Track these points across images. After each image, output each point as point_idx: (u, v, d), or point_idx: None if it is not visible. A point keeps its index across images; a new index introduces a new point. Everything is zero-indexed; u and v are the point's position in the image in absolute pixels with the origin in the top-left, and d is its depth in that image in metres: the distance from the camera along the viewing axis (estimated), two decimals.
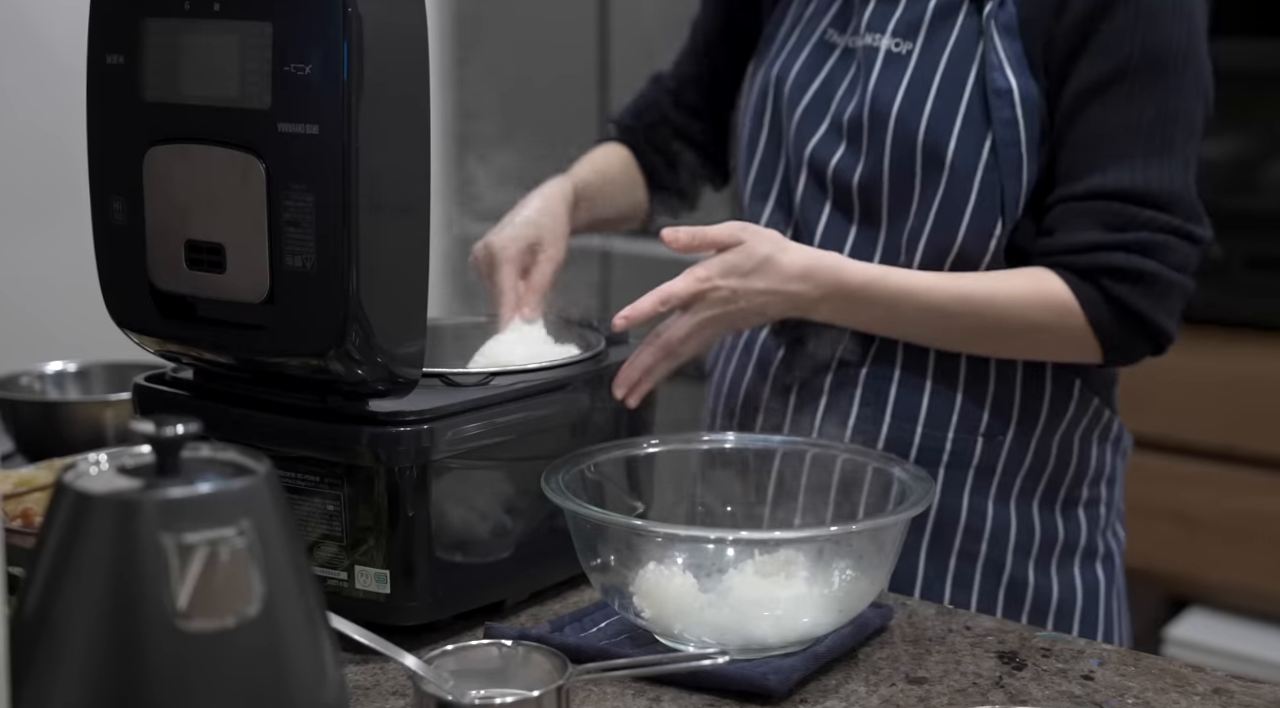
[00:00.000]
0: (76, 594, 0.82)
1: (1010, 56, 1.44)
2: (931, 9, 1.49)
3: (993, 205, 1.45)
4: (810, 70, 1.57)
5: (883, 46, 1.50)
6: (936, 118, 1.45)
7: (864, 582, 1.24)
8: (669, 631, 1.22)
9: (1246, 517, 2.93)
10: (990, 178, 1.44)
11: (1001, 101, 1.43)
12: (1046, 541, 1.54)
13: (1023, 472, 1.52)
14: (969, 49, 1.46)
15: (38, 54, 2.76)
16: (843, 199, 1.53)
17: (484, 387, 1.31)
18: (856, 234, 1.52)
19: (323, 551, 1.26)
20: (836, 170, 1.52)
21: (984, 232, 1.45)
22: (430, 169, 1.23)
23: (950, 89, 1.46)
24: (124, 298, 1.28)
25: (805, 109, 1.56)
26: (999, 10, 1.44)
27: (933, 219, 1.47)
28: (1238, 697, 1.19)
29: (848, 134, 1.52)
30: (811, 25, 1.59)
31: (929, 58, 1.48)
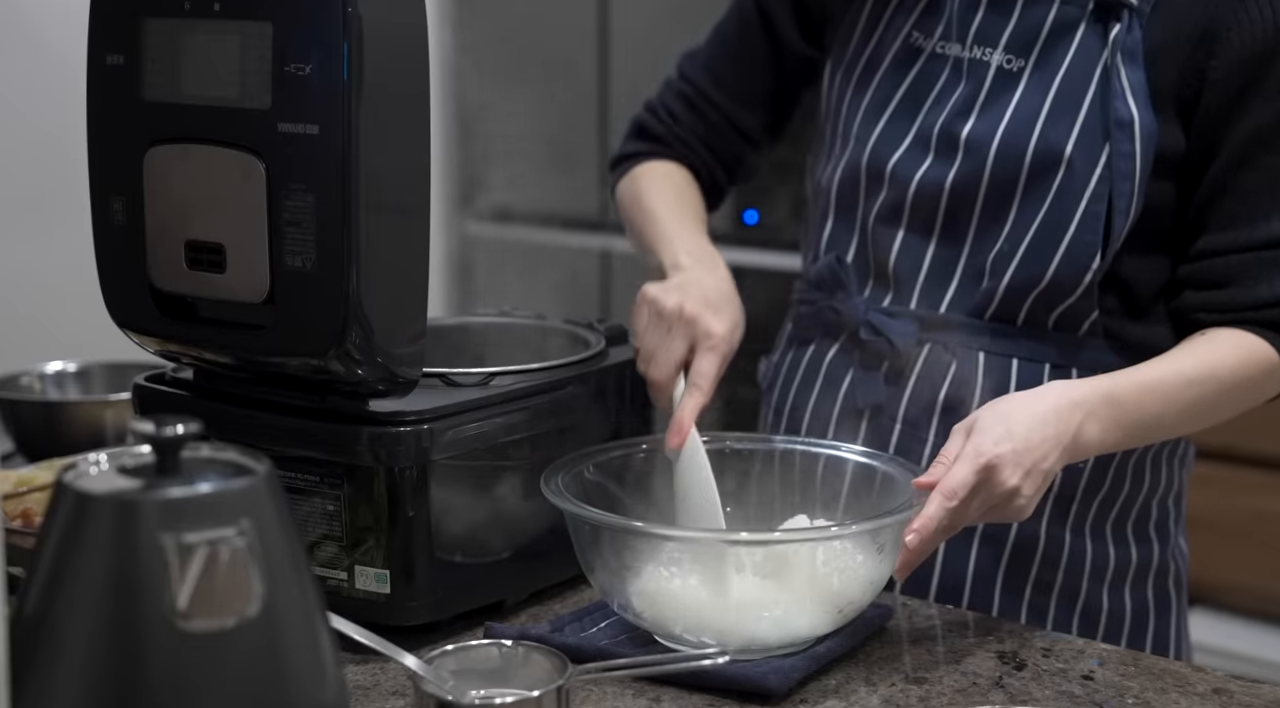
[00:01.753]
0: (76, 594, 0.82)
1: (1134, 85, 1.36)
2: (1049, 24, 1.40)
3: (1094, 237, 1.37)
4: (895, 76, 1.48)
5: (994, 62, 1.42)
6: (1047, 137, 1.38)
7: (864, 582, 1.23)
8: (669, 631, 1.22)
9: (1246, 517, 2.93)
10: (1095, 207, 1.37)
11: (1122, 132, 1.36)
12: (1120, 565, 1.49)
13: (1099, 499, 1.47)
14: (1087, 70, 1.39)
15: (38, 54, 2.76)
16: (923, 214, 1.45)
17: (484, 387, 1.31)
18: (934, 257, 1.45)
19: (323, 551, 1.26)
20: (921, 183, 1.44)
21: (1081, 264, 1.38)
22: (430, 169, 1.23)
23: (1064, 109, 1.39)
24: (124, 298, 1.28)
25: (890, 118, 1.48)
26: (1125, 35, 1.37)
27: (1028, 242, 1.39)
28: (1238, 697, 1.19)
29: (937, 146, 1.44)
30: (894, 25, 1.50)
31: (1043, 76, 1.40)
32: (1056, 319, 1.42)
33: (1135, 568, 1.50)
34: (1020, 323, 1.42)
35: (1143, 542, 1.51)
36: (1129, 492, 1.49)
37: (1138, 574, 1.51)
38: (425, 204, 1.21)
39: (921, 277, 1.45)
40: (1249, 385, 1.39)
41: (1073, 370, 1.42)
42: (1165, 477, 1.52)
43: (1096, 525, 1.48)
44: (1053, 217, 1.38)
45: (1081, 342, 1.42)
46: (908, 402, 1.46)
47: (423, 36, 1.18)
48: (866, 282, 1.49)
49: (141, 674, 0.81)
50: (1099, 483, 1.46)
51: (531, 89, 3.66)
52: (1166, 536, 1.53)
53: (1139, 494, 1.50)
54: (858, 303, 1.48)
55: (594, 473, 1.33)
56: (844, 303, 1.49)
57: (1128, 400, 1.32)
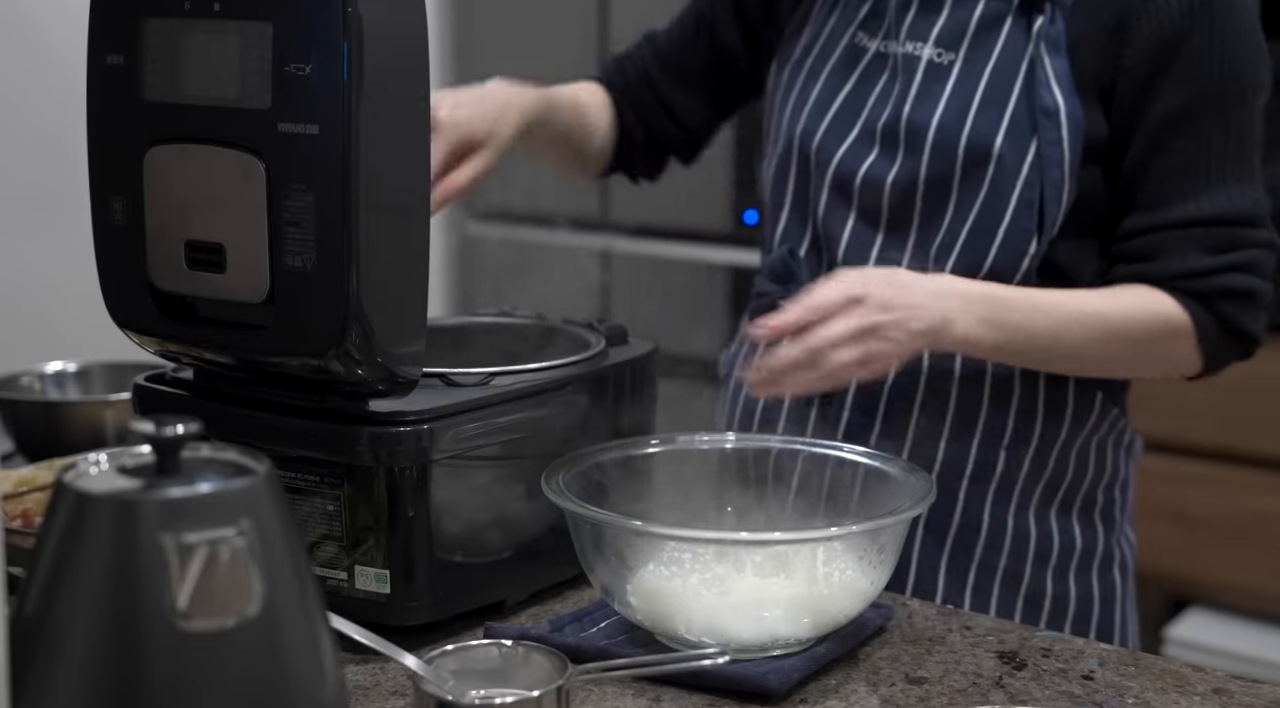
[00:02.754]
0: (76, 594, 0.82)
1: (1059, 74, 1.42)
2: (976, 19, 1.47)
3: (1029, 223, 1.43)
4: (839, 76, 1.54)
5: (924, 56, 1.48)
6: (978, 130, 1.44)
7: (864, 582, 1.24)
8: (669, 631, 1.22)
9: (1246, 517, 2.93)
10: (1029, 196, 1.43)
11: (1049, 121, 1.42)
12: (1065, 549, 1.53)
13: (1043, 482, 1.52)
14: (1014, 62, 1.44)
15: (38, 54, 2.76)
16: (870, 208, 1.50)
17: (484, 387, 1.31)
18: (882, 244, 1.50)
19: (323, 551, 1.26)
20: (866, 178, 1.50)
21: (1018, 250, 1.44)
22: (430, 169, 1.23)
23: (993, 102, 1.44)
24: (124, 298, 1.28)
25: (835, 115, 1.53)
26: (1049, 26, 1.42)
27: (966, 232, 1.45)
28: (1238, 697, 1.19)
29: (881, 141, 1.50)
30: (840, 27, 1.56)
31: (972, 69, 1.46)
32: None
33: (1080, 554, 1.54)
34: None
35: (1087, 528, 1.55)
36: (1073, 477, 1.53)
37: (1082, 560, 1.55)
38: (425, 204, 1.21)
39: (870, 265, 1.49)
40: (1152, 339, 1.44)
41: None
42: (1110, 464, 1.56)
43: (1040, 510, 1.52)
44: (989, 206, 1.44)
45: None
46: (856, 390, 1.51)
47: (423, 36, 1.18)
48: (818, 273, 1.53)
49: (141, 674, 0.81)
50: (1041, 467, 1.51)
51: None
52: (1112, 523, 1.58)
53: (1083, 480, 1.54)
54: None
55: (594, 472, 1.33)
56: (796, 294, 1.51)
57: (1014, 309, 1.38)
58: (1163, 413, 2.89)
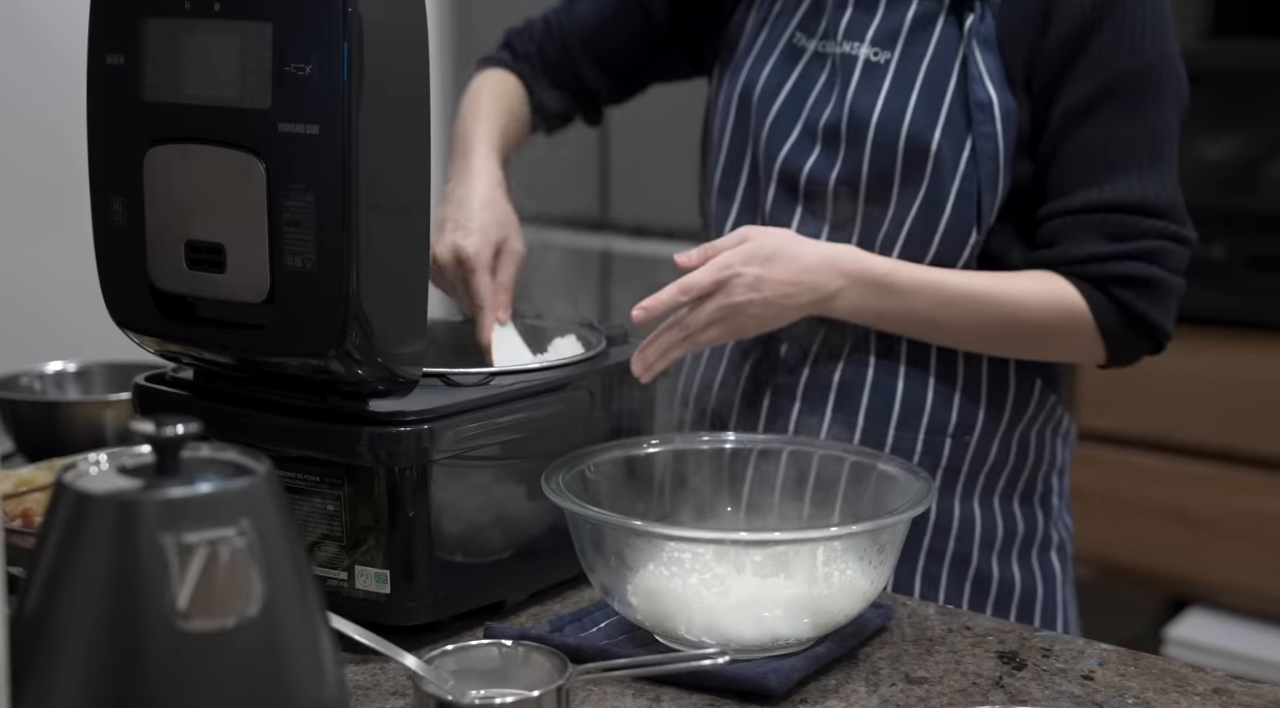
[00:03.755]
0: (76, 594, 0.82)
1: (990, 70, 1.46)
2: (910, 19, 1.50)
3: (968, 213, 1.47)
4: (779, 75, 1.57)
5: (861, 55, 1.51)
6: (917, 125, 1.47)
7: (864, 582, 1.24)
8: (669, 631, 1.22)
9: (1246, 517, 2.93)
10: (967, 187, 1.47)
11: (983, 114, 1.46)
12: (1008, 534, 1.58)
13: (986, 469, 1.56)
14: (947, 60, 1.48)
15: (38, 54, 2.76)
16: (815, 204, 1.54)
17: (484, 387, 1.31)
18: (828, 238, 1.52)
19: (323, 551, 1.26)
20: (810, 175, 1.53)
21: (959, 240, 1.48)
22: (430, 169, 1.23)
23: (929, 99, 1.48)
24: (124, 298, 1.28)
25: (776, 114, 1.56)
26: (979, 24, 1.47)
27: (909, 224, 1.49)
28: (1238, 697, 1.19)
29: (823, 139, 1.53)
30: (778, 28, 1.59)
31: (907, 67, 1.49)
32: None
33: (1021, 538, 1.59)
34: None
35: (1028, 513, 1.59)
36: (1014, 464, 1.58)
37: (1024, 545, 1.59)
38: (425, 204, 1.21)
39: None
40: (1046, 322, 1.47)
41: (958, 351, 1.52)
42: (1050, 452, 1.61)
43: (985, 496, 1.57)
44: (930, 199, 1.48)
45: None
46: (805, 383, 1.55)
47: (423, 36, 1.18)
48: None
49: (141, 674, 0.81)
50: (984, 455, 1.56)
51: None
52: (1050, 508, 1.62)
53: (1023, 468, 1.58)
54: None
55: (594, 472, 1.33)
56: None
57: (896, 289, 1.44)
58: (1163, 413, 2.90)
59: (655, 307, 1.39)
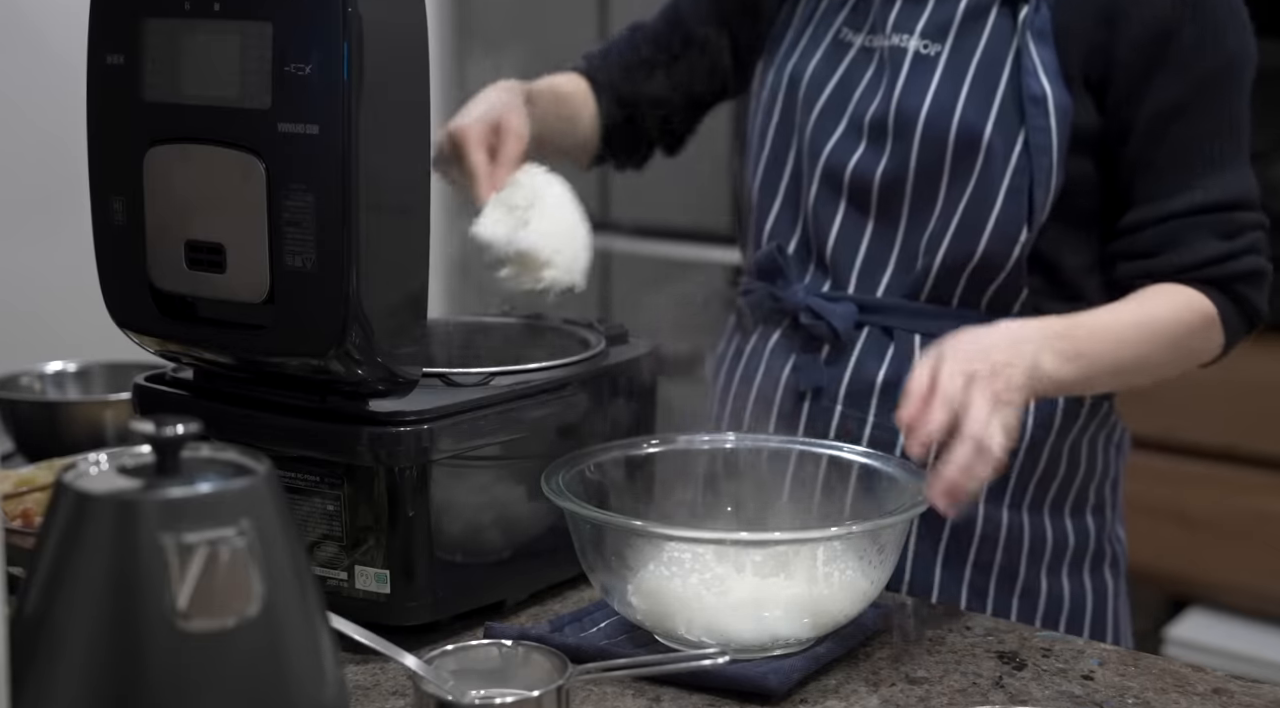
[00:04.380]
0: (76, 594, 0.82)
1: (1045, 63, 1.42)
2: (962, 10, 1.47)
3: (1019, 211, 1.43)
4: (826, 69, 1.54)
5: (910, 48, 1.48)
6: (967, 118, 1.44)
7: (864, 582, 1.23)
8: (669, 631, 1.22)
9: (1246, 517, 2.93)
10: (1018, 183, 1.43)
11: (1037, 109, 1.42)
12: (1058, 547, 1.53)
13: (1035, 479, 1.51)
14: (1000, 52, 1.45)
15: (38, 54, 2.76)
16: (860, 199, 1.50)
17: (484, 387, 1.31)
18: (873, 234, 1.50)
19: (323, 551, 1.26)
20: (856, 170, 1.50)
21: (1008, 238, 1.44)
22: (430, 169, 1.23)
23: (981, 92, 1.44)
24: (124, 298, 1.28)
25: (822, 108, 1.53)
26: (1034, 16, 1.43)
27: (957, 221, 1.45)
28: (1238, 697, 1.19)
29: (869, 133, 1.50)
30: (825, 22, 1.57)
31: (958, 60, 1.46)
32: (989, 300, 1.47)
33: (1072, 551, 1.54)
34: (955, 304, 1.48)
35: (1079, 525, 1.55)
36: (1064, 474, 1.53)
37: (1075, 557, 1.54)
38: (425, 204, 1.21)
39: (859, 261, 1.51)
40: (1189, 333, 1.43)
41: None
42: (1101, 461, 1.56)
43: (1034, 506, 1.52)
44: (979, 194, 1.44)
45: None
46: (847, 384, 1.51)
47: (423, 36, 1.18)
48: (807, 268, 1.55)
49: (141, 674, 0.81)
50: (1034, 464, 1.51)
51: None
52: (1103, 520, 1.58)
53: (1075, 478, 1.54)
54: (797, 289, 1.53)
55: (594, 472, 1.33)
56: (784, 290, 1.55)
57: (1079, 336, 1.36)
58: (1163, 413, 2.89)
59: (931, 431, 1.22)
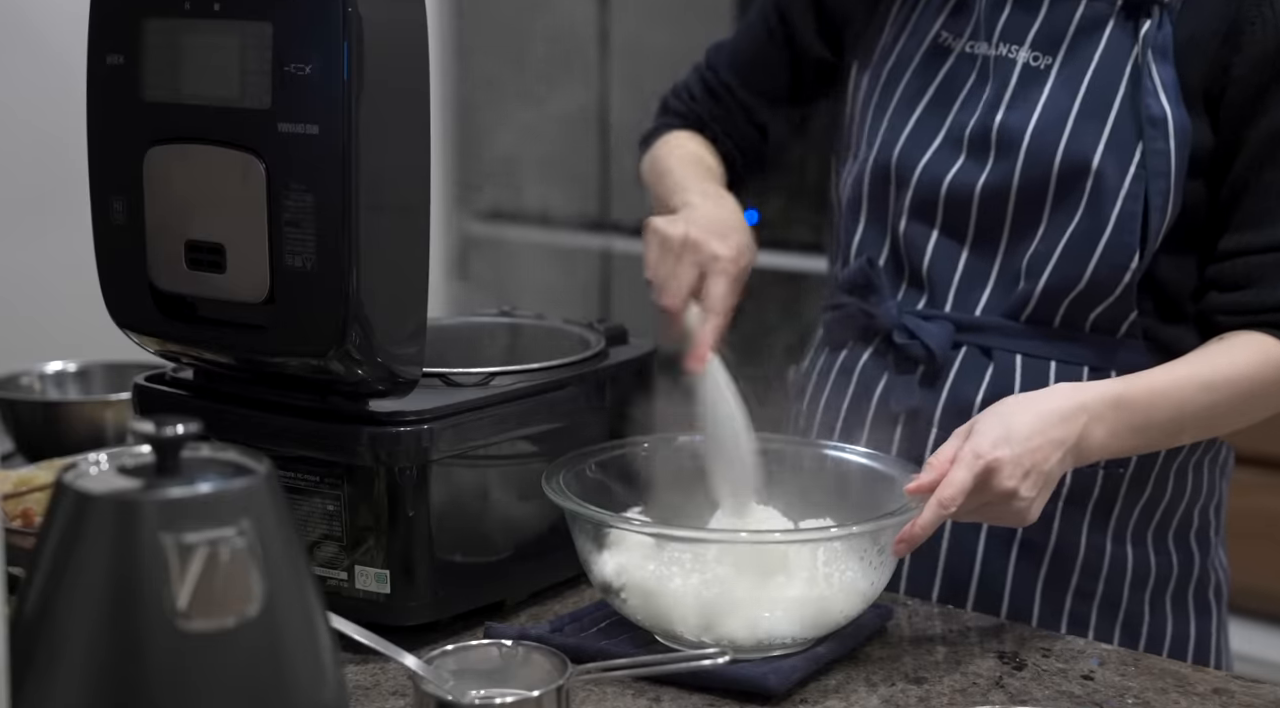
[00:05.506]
0: (76, 594, 0.82)
1: (1165, 82, 1.35)
2: (1077, 21, 1.39)
3: (1131, 237, 1.35)
4: (923, 77, 1.46)
5: (1020, 59, 1.40)
6: (1077, 138, 1.36)
7: (864, 582, 1.23)
8: (669, 631, 1.22)
9: (1247, 517, 2.92)
10: (1131, 208, 1.35)
11: (1156, 131, 1.34)
12: (1161, 574, 1.47)
13: (1140, 506, 1.45)
14: (1117, 67, 1.37)
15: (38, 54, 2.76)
16: (955, 218, 1.43)
17: (484, 387, 1.31)
18: (969, 259, 1.43)
19: (323, 551, 1.26)
20: (953, 185, 1.42)
21: (1119, 265, 1.36)
22: (430, 168, 1.23)
23: (1094, 110, 1.37)
24: (124, 298, 1.28)
25: (918, 121, 1.46)
26: (1155, 31, 1.35)
27: (1063, 247, 1.37)
28: (1238, 697, 1.19)
29: (969, 148, 1.42)
30: (922, 26, 1.48)
31: (1071, 74, 1.38)
32: (1094, 321, 1.40)
33: (1176, 578, 1.47)
34: (1057, 324, 1.40)
35: (1183, 551, 1.48)
36: (1170, 499, 1.46)
37: (1179, 585, 1.48)
38: (425, 204, 1.21)
39: (956, 279, 1.44)
40: (1265, 391, 1.36)
41: (1111, 372, 1.39)
42: (1206, 485, 1.50)
43: (1137, 533, 1.45)
44: (1089, 217, 1.36)
45: (1119, 343, 1.39)
46: (944, 405, 1.43)
47: (423, 36, 1.18)
48: (899, 285, 1.47)
49: (141, 674, 0.80)
50: (1140, 490, 1.44)
51: (532, 89, 3.66)
52: (1207, 545, 1.50)
53: (1180, 502, 1.47)
54: (891, 306, 1.46)
55: (595, 472, 1.33)
56: (877, 306, 1.47)
57: (1137, 405, 1.30)
58: None
59: (917, 537, 1.20)
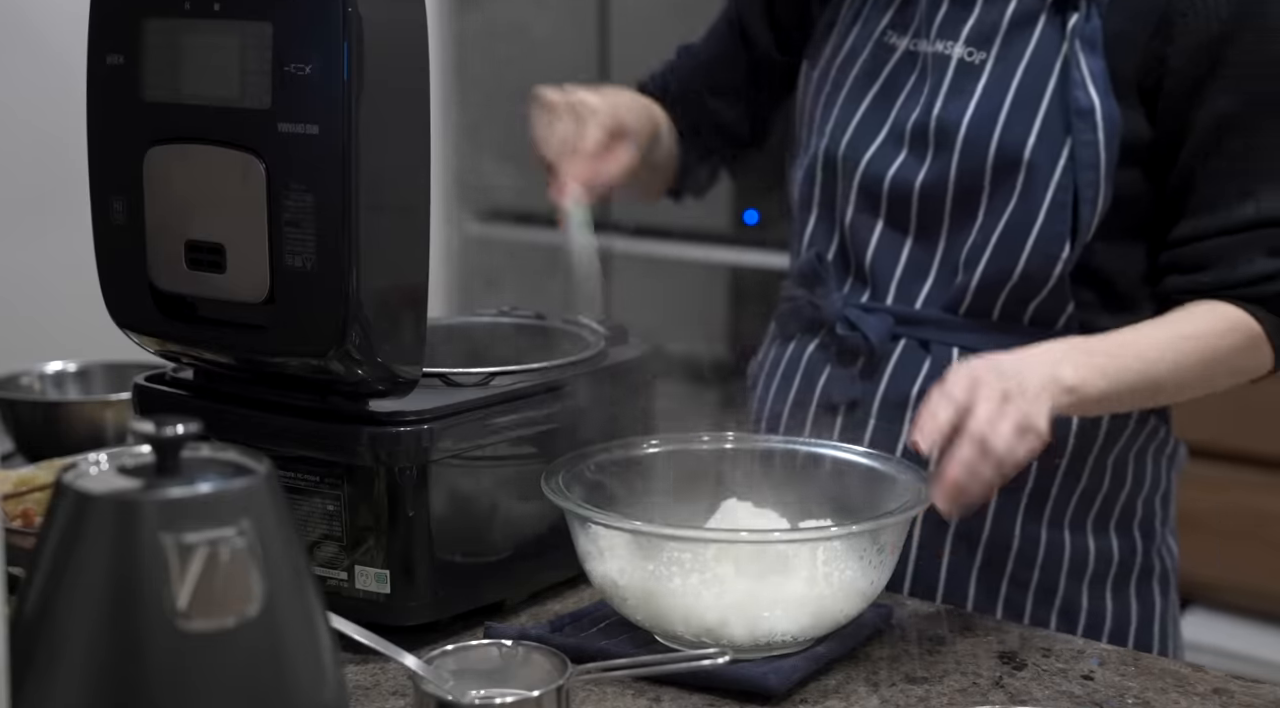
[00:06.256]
0: (76, 594, 0.82)
1: (1094, 73, 1.37)
2: (1009, 17, 1.42)
3: (1062, 227, 1.38)
4: (868, 74, 1.49)
5: (955, 55, 1.43)
6: (1010, 131, 1.39)
7: (864, 582, 1.23)
8: (669, 631, 1.22)
9: (1246, 517, 2.93)
10: (1062, 199, 1.38)
11: (1083, 122, 1.36)
12: (1101, 563, 1.48)
13: (1077, 494, 1.46)
14: (1048, 61, 1.39)
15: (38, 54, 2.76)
16: (898, 211, 1.46)
17: (484, 387, 1.31)
18: (911, 249, 1.46)
19: (323, 551, 1.26)
20: (895, 180, 1.45)
21: (1050, 255, 1.39)
22: (430, 168, 1.23)
23: (1026, 102, 1.39)
24: (124, 298, 1.28)
25: (863, 116, 1.48)
26: (1084, 24, 1.38)
27: (997, 237, 1.40)
28: (1238, 697, 1.19)
29: (910, 143, 1.45)
30: (869, 25, 1.51)
31: (1004, 68, 1.41)
32: (1032, 314, 1.42)
33: (1117, 566, 1.49)
34: (996, 317, 1.43)
35: (1125, 539, 1.50)
36: (1109, 489, 1.48)
37: (1120, 573, 1.49)
38: (425, 204, 1.21)
39: (898, 272, 1.47)
40: (1231, 351, 1.39)
41: None
42: (1150, 475, 1.52)
43: (1075, 522, 1.47)
44: (1021, 209, 1.39)
45: (1058, 336, 1.39)
46: (881, 397, 1.47)
47: (423, 36, 1.18)
48: (846, 278, 1.51)
49: (141, 674, 0.81)
50: (1074, 480, 1.46)
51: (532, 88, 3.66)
52: (1151, 534, 1.52)
53: (1120, 491, 1.49)
54: (835, 299, 1.49)
55: (594, 472, 1.33)
56: (823, 299, 1.51)
57: (1105, 353, 1.32)
58: None
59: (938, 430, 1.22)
